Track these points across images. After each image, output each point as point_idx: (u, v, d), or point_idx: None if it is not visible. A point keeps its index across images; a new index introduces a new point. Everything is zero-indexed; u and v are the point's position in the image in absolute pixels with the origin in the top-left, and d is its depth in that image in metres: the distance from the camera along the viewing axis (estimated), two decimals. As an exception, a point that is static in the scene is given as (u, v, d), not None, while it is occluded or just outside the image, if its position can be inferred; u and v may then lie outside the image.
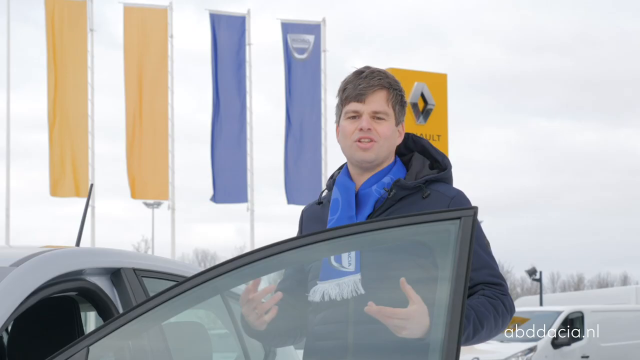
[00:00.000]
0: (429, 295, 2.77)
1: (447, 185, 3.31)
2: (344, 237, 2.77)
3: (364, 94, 3.24)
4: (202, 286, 2.75)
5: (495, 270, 3.22)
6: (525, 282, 64.77)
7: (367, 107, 3.24)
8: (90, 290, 3.35)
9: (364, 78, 3.27)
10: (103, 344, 2.67)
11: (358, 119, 3.25)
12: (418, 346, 2.83)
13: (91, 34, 23.88)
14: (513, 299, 14.56)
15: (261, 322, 3.02)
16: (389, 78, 3.30)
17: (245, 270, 2.76)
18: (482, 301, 3.11)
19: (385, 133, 3.26)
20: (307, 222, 3.40)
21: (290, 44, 25.02)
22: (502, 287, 3.19)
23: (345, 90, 3.28)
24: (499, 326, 3.13)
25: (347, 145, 3.28)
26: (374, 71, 3.30)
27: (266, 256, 2.75)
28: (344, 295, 3.07)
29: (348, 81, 3.30)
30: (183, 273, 3.86)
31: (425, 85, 17.62)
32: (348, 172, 3.33)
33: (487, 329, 3.09)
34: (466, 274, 2.62)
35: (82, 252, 3.48)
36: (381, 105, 3.25)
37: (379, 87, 3.26)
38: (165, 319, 3.00)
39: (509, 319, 3.19)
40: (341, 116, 3.30)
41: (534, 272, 33.90)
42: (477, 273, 3.15)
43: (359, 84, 3.25)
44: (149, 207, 45.84)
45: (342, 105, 3.29)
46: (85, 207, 4.05)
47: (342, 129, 3.29)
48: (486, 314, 3.08)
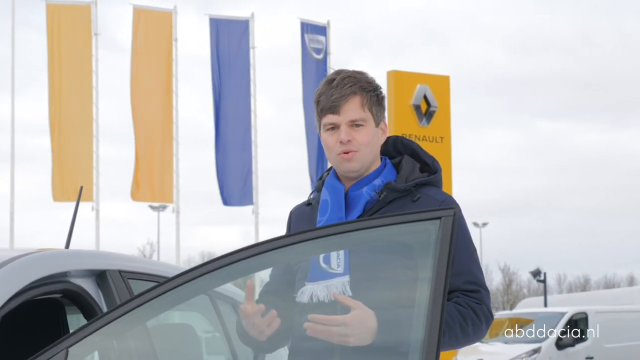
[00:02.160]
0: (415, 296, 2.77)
1: (437, 189, 3.31)
2: (325, 237, 2.78)
3: (338, 105, 3.22)
4: (184, 286, 2.75)
5: (475, 276, 3.20)
6: (532, 284, 64.69)
7: (342, 117, 3.23)
8: (75, 293, 3.34)
9: (336, 87, 3.24)
10: (83, 345, 2.66)
11: (337, 129, 3.24)
12: (399, 347, 2.83)
13: (95, 37, 23.91)
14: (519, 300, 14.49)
15: (263, 335, 3.03)
16: (361, 81, 3.27)
17: (229, 269, 2.76)
18: (449, 308, 3.09)
19: (365, 140, 3.25)
20: (295, 223, 3.40)
21: (308, 44, 24.98)
22: (478, 295, 3.16)
23: (320, 102, 3.27)
24: (468, 335, 3.12)
25: (331, 158, 3.28)
26: (345, 77, 3.26)
27: (248, 256, 2.75)
28: (332, 297, 3.06)
29: (321, 92, 3.27)
30: (171, 275, 3.85)
31: (428, 88, 17.59)
32: (336, 174, 3.33)
33: (452, 337, 3.08)
34: (446, 274, 2.62)
35: (66, 254, 3.47)
36: (357, 113, 3.23)
37: (351, 94, 3.23)
38: (147, 319, 3.00)
39: (484, 327, 3.18)
40: (320, 127, 3.30)
41: (539, 273, 33.89)
42: (456, 278, 3.13)
43: (332, 95, 3.23)
44: (155, 210, 45.91)
45: (319, 117, 3.29)
46: (75, 209, 4.06)
47: (324, 141, 3.29)
48: (449, 322, 3.06)
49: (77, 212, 4.07)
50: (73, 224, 4.07)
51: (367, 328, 2.84)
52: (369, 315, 2.85)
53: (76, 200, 4.12)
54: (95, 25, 23.87)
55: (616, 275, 73.38)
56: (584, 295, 36.97)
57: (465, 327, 3.10)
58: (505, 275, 69.05)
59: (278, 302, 3.13)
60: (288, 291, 3.19)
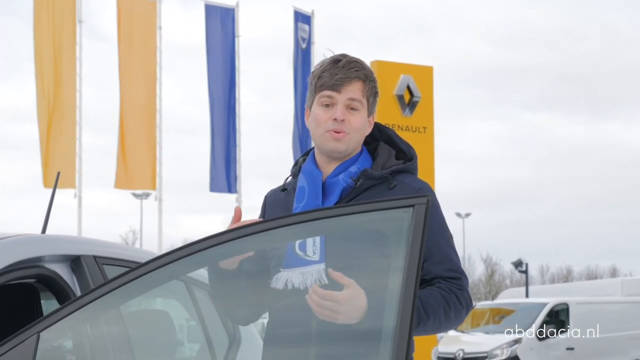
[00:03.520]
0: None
1: (413, 176, 3.31)
2: (298, 224, 2.77)
3: (341, 84, 3.22)
4: (158, 271, 2.73)
5: (455, 264, 3.22)
6: (515, 275, 64.84)
7: (342, 96, 3.23)
8: (49, 277, 3.33)
9: (342, 68, 3.24)
10: (55, 329, 2.65)
11: (332, 107, 3.24)
12: (372, 334, 2.84)
13: (80, 25, 23.82)
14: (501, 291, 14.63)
15: (233, 264, 3.04)
16: (366, 69, 3.29)
17: (203, 255, 2.76)
18: (434, 293, 3.12)
19: (357, 125, 3.25)
20: (270, 208, 3.38)
21: (299, 33, 24.92)
22: (459, 282, 3.19)
23: (321, 77, 3.25)
24: (450, 319, 3.14)
25: (318, 133, 3.26)
26: (351, 61, 3.27)
27: (223, 242, 2.75)
28: (307, 285, 3.05)
29: (325, 69, 3.26)
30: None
31: (411, 78, 17.58)
32: (314, 159, 3.32)
33: (435, 321, 3.11)
34: (418, 262, 2.63)
35: (40, 239, 3.46)
36: (357, 94, 3.24)
37: (356, 78, 3.24)
38: (120, 304, 2.99)
39: (464, 313, 3.20)
40: (314, 102, 3.28)
41: (520, 264, 33.98)
42: (437, 266, 3.16)
43: (336, 74, 3.23)
44: (138, 198, 45.82)
45: (316, 92, 3.27)
46: (52, 195, 4.05)
47: (315, 115, 3.26)
48: (434, 306, 3.09)
49: (53, 197, 4.07)
50: (50, 209, 4.06)
51: (357, 307, 2.85)
52: (360, 295, 2.85)
53: (53, 187, 4.12)
54: (79, 12, 23.78)
55: (599, 266, 73.67)
56: (566, 286, 37.10)
57: (448, 312, 3.12)
58: (487, 266, 69.21)
59: (253, 270, 3.12)
60: (263, 280, 3.18)
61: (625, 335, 21.39)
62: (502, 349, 19.94)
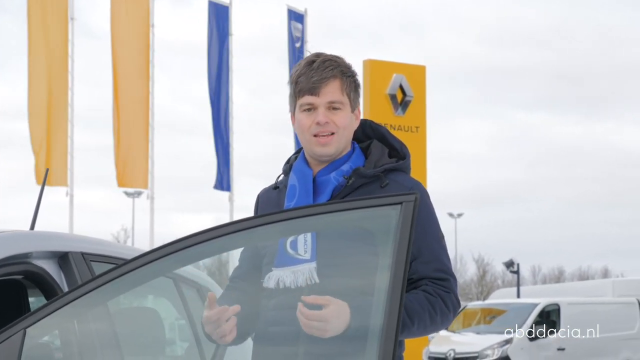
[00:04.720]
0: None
1: (405, 175, 3.30)
2: (285, 220, 2.77)
3: (317, 87, 3.21)
4: (145, 267, 2.72)
5: (444, 264, 3.20)
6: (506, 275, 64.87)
7: (321, 99, 3.21)
8: (36, 274, 3.32)
9: (317, 70, 3.22)
10: (41, 326, 2.64)
11: (314, 111, 3.23)
12: (359, 333, 2.83)
13: (72, 22, 23.79)
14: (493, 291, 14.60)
15: (224, 341, 3.03)
16: (341, 66, 3.26)
17: (191, 251, 2.75)
18: (419, 297, 3.10)
19: (342, 123, 3.23)
20: (262, 206, 3.37)
21: (293, 32, 24.92)
22: (446, 283, 3.17)
23: (298, 83, 3.24)
24: (436, 323, 3.13)
25: (304, 139, 3.26)
26: (325, 60, 3.25)
27: (210, 238, 2.74)
28: (298, 283, 3.06)
29: (300, 73, 3.25)
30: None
31: (404, 77, 17.55)
32: (305, 158, 3.32)
33: (420, 326, 3.09)
34: (406, 260, 2.62)
35: (28, 236, 3.45)
36: (336, 95, 3.22)
37: (332, 77, 3.22)
38: (107, 300, 2.98)
39: (452, 316, 3.18)
40: (296, 108, 3.27)
41: (512, 264, 33.99)
42: (425, 266, 3.15)
43: (312, 77, 3.21)
44: (130, 196, 45.76)
45: (296, 98, 3.26)
46: (40, 192, 4.04)
47: (299, 122, 3.26)
48: (419, 311, 3.07)
49: (42, 194, 4.05)
50: (38, 206, 4.05)
51: (342, 320, 2.87)
52: (344, 308, 2.87)
53: (42, 184, 4.10)
54: (71, 9, 23.75)
55: (590, 267, 73.69)
56: (557, 286, 37.13)
57: (434, 316, 3.10)
58: (479, 266, 69.23)
59: (243, 298, 3.12)
60: (256, 280, 3.17)
61: (616, 336, 21.42)
62: (493, 349, 19.95)
